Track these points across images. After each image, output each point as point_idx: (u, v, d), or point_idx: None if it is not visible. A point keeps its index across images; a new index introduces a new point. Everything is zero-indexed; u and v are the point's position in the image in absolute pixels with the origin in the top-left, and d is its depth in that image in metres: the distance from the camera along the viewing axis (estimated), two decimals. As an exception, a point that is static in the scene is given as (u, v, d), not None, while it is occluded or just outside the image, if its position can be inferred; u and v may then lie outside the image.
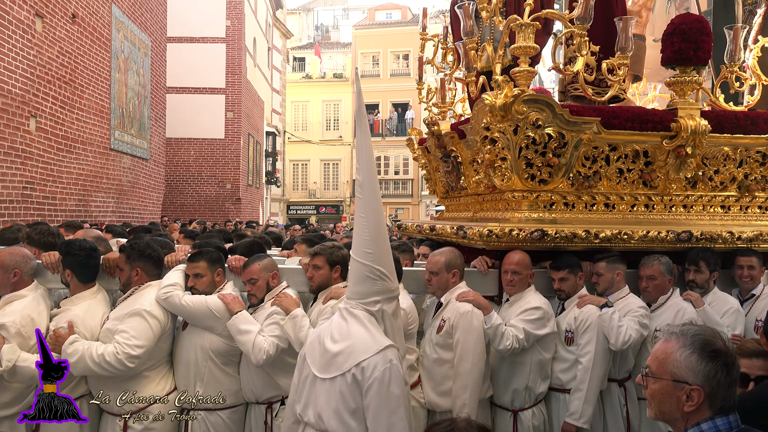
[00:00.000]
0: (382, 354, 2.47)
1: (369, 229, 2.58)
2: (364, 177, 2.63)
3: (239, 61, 19.08)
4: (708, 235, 3.74)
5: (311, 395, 2.58)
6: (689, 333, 1.77)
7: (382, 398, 2.41)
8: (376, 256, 2.57)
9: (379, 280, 2.58)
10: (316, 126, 34.05)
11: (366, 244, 2.57)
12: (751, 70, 4.23)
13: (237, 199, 18.98)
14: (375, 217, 2.60)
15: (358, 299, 2.60)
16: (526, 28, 3.57)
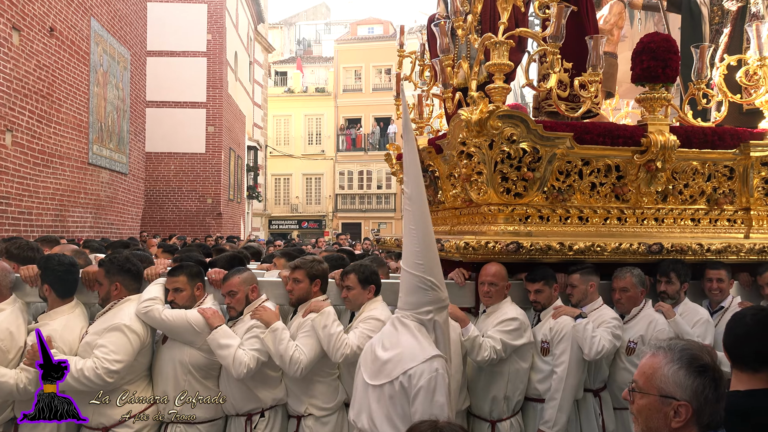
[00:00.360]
0: (429, 363, 2.54)
1: (419, 241, 2.65)
2: (412, 190, 2.71)
3: (220, 75, 19.09)
4: (678, 247, 3.84)
5: (364, 401, 2.66)
6: (677, 348, 1.74)
7: (427, 406, 2.48)
8: (427, 266, 2.64)
9: (431, 290, 2.64)
10: (298, 140, 34.07)
11: (416, 255, 2.64)
12: (717, 87, 4.36)
13: (218, 214, 18.90)
14: (424, 228, 2.66)
15: (410, 309, 2.66)
16: (501, 46, 3.67)
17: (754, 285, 4.03)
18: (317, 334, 3.39)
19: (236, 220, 22.10)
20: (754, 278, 4.00)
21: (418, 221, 2.67)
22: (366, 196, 33.32)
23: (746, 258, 3.95)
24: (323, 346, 3.37)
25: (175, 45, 18.49)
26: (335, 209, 33.49)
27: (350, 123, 34.08)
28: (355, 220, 33.10)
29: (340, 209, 33.47)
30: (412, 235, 2.67)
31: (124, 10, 12.84)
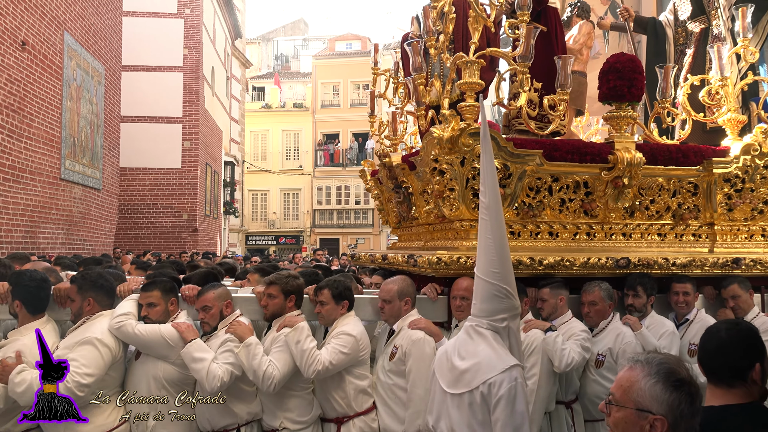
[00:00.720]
0: (508, 372, 2.63)
1: (495, 250, 2.71)
2: (489, 199, 2.77)
3: (197, 90, 19.03)
4: (645, 262, 3.93)
5: (443, 408, 2.77)
6: (654, 361, 1.76)
7: (508, 414, 2.56)
8: (503, 275, 2.71)
9: (506, 298, 2.72)
10: (275, 155, 34.01)
11: (493, 263, 2.71)
12: (681, 106, 4.49)
13: (193, 230, 18.75)
14: (500, 237, 2.73)
15: (485, 317, 2.73)
16: (472, 65, 3.76)
17: (718, 298, 4.14)
18: (290, 349, 3.41)
19: (212, 236, 21.94)
20: (719, 291, 4.11)
21: (494, 231, 2.74)
22: (344, 212, 33.32)
23: (710, 272, 4.06)
24: (296, 361, 3.39)
25: (151, 60, 18.41)
26: (313, 225, 33.42)
27: (328, 138, 34.13)
28: (333, 235, 33.05)
29: (318, 225, 33.41)
30: (489, 244, 2.73)
31: (99, 25, 12.79)
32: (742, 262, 4.09)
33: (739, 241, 4.38)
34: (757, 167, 4.27)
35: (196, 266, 5.25)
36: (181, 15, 19.03)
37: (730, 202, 4.32)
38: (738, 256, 4.12)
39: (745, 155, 4.23)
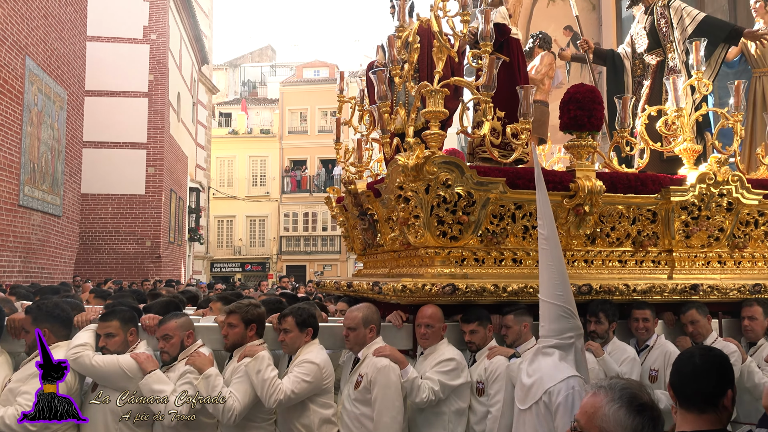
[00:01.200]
0: (566, 381, 2.79)
1: (557, 274, 2.95)
2: (548, 231, 3.02)
3: (162, 116, 18.86)
4: (606, 288, 3.98)
5: (519, 425, 3.02)
6: (617, 387, 1.79)
7: (567, 421, 2.63)
8: (566, 297, 2.94)
9: (571, 318, 2.93)
10: (242, 182, 33.78)
11: (557, 287, 2.94)
12: (639, 135, 4.61)
13: (157, 257, 18.42)
14: (560, 264, 2.98)
15: (554, 336, 2.93)
16: (436, 94, 3.81)
17: (677, 324, 4.21)
18: (251, 379, 3.35)
19: (176, 264, 21.60)
20: (678, 317, 4.18)
21: (555, 258, 2.98)
22: (311, 238, 33.17)
23: (670, 298, 4.13)
24: (257, 391, 3.34)
25: (116, 85, 18.22)
26: (279, 251, 33.17)
27: (295, 165, 34.08)
28: (300, 262, 32.84)
29: (285, 251, 33.17)
30: (551, 270, 2.97)
31: (62, 49, 12.64)
32: (700, 288, 4.17)
33: (697, 268, 4.48)
34: (713, 195, 4.39)
35: (157, 295, 5.16)
36: (147, 41, 18.93)
37: (688, 230, 4.42)
38: (696, 283, 4.20)
39: (701, 184, 4.35)
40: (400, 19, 4.08)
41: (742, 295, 4.28)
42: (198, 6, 25.21)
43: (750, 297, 4.26)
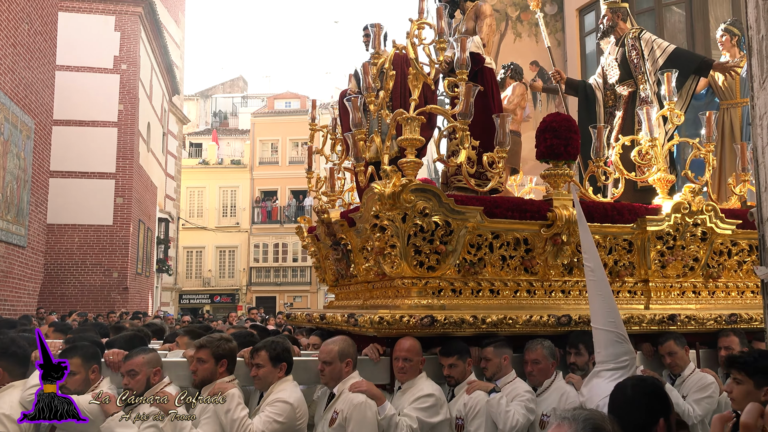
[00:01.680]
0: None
1: (607, 303, 3.16)
2: (593, 264, 3.25)
3: (131, 146, 18.63)
4: (585, 319, 3.92)
5: None
6: (580, 417, 1.79)
7: None
8: (617, 323, 3.13)
9: (624, 342, 3.10)
10: (212, 212, 33.42)
11: (608, 314, 3.13)
12: (614, 165, 4.62)
13: (124, 289, 18.01)
14: (608, 292, 3.20)
15: (611, 360, 3.08)
16: (412, 122, 3.76)
17: (655, 355, 4.16)
18: (219, 419, 3.19)
19: (144, 295, 21.13)
20: (656, 348, 4.13)
21: (603, 288, 3.20)
22: (281, 269, 32.84)
23: (648, 328, 4.09)
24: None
25: (85, 114, 17.99)
26: (249, 283, 32.73)
27: (266, 195, 33.87)
28: (269, 293, 32.43)
29: (255, 282, 32.76)
30: (601, 300, 3.19)
31: (30, 79, 12.41)
32: (678, 319, 4.15)
33: (672, 298, 4.47)
34: (687, 225, 4.40)
35: (120, 328, 4.95)
36: (117, 71, 18.77)
37: (663, 259, 4.42)
38: (673, 313, 4.18)
39: (676, 213, 4.36)
40: (376, 46, 4.05)
41: (718, 326, 4.27)
42: (169, 37, 25.16)
43: (726, 327, 4.25)
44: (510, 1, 12.77)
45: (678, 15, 10.47)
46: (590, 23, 11.65)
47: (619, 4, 5.53)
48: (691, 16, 10.08)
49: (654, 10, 10.48)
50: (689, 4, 10.10)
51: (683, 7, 10.29)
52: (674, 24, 10.45)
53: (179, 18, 28.66)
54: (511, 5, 12.76)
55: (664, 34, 10.02)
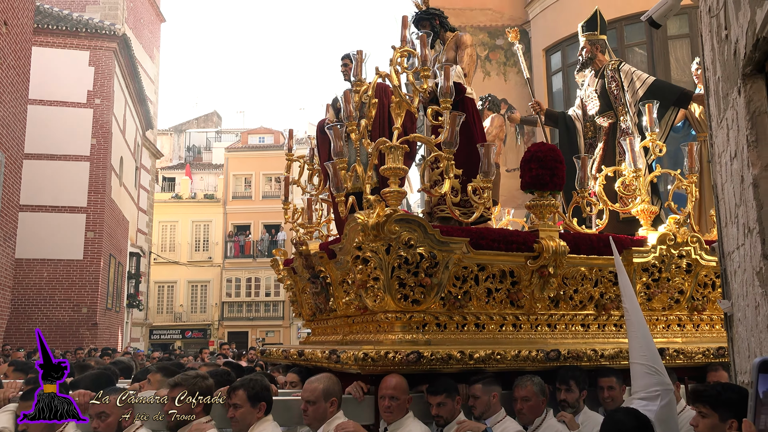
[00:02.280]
0: None
1: (641, 339, 3.28)
2: (629, 305, 3.40)
3: (103, 180, 18.39)
4: (574, 354, 3.82)
5: None
6: None
7: None
8: (650, 356, 3.23)
9: (656, 374, 3.18)
10: (184, 247, 32.99)
11: (641, 349, 3.26)
12: (598, 196, 4.58)
13: (93, 324, 17.57)
14: (644, 332, 3.32)
15: (641, 390, 3.18)
16: (396, 151, 3.67)
17: (646, 389, 4.05)
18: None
19: (113, 331, 20.61)
20: (646, 383, 4.03)
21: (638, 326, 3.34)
22: (254, 304, 32.40)
23: (637, 362, 3.99)
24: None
25: (57, 148, 17.78)
26: (221, 317, 32.20)
27: (239, 230, 33.58)
28: (242, 328, 31.93)
29: (227, 317, 32.24)
30: (636, 336, 3.33)
31: (1, 112, 12.18)
32: (666, 353, 4.06)
33: (658, 331, 4.40)
34: (672, 257, 4.36)
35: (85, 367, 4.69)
36: (90, 105, 18.62)
37: (649, 292, 4.36)
38: (662, 347, 4.09)
39: (662, 245, 4.31)
40: (358, 73, 3.98)
41: (707, 359, 4.20)
42: (144, 72, 25.06)
43: (715, 361, 4.17)
44: (479, 41, 12.98)
45: (640, 55, 10.75)
46: (556, 62, 11.94)
47: (597, 36, 5.57)
48: (653, 57, 10.35)
49: (617, 51, 10.72)
50: (650, 46, 10.38)
51: (645, 48, 10.56)
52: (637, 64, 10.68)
53: (154, 54, 28.59)
54: (480, 45, 12.98)
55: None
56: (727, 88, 2.41)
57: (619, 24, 10.59)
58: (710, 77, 2.83)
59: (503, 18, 13.08)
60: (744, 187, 2.23)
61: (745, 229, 2.26)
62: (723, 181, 2.66)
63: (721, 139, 2.63)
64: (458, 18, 12.95)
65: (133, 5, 25.15)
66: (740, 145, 2.24)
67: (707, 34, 2.83)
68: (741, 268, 2.39)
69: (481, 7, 13.11)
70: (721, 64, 2.51)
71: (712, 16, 2.70)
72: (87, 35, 18.65)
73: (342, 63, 5.17)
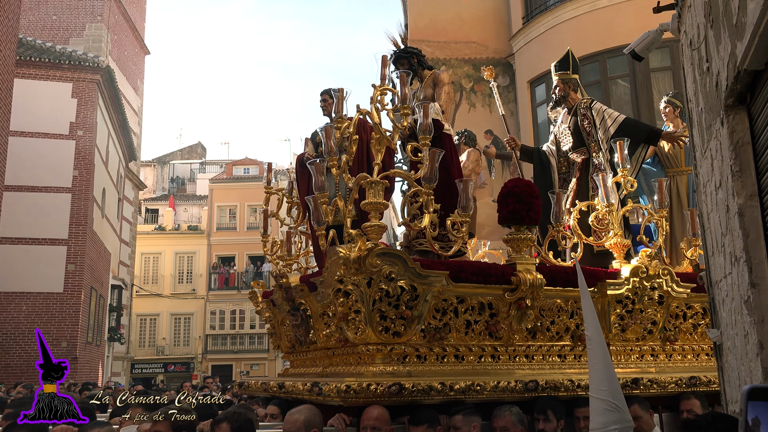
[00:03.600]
0: None
1: (602, 371, 3.15)
2: (592, 332, 3.26)
3: (85, 212, 18.28)
4: (552, 384, 3.91)
5: None
6: None
7: None
8: (611, 391, 3.10)
9: (615, 411, 3.06)
10: (167, 279, 32.67)
11: (601, 383, 3.13)
12: (572, 230, 4.72)
13: (73, 359, 17.28)
14: (604, 361, 3.19)
15: (600, 428, 3.06)
16: (376, 186, 3.79)
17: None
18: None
19: (94, 365, 20.29)
20: (622, 412, 4.12)
21: (598, 356, 3.22)
22: (238, 336, 32.05)
23: (612, 392, 4.08)
24: None
25: (38, 180, 17.69)
26: (205, 351, 31.78)
27: (224, 261, 33.38)
28: (226, 361, 31.50)
29: (211, 350, 31.82)
30: (596, 367, 3.20)
31: (-18, 143, 12.18)
32: (641, 382, 4.17)
33: (632, 361, 4.51)
34: (645, 289, 4.49)
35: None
36: (72, 137, 18.60)
37: (623, 323, 4.47)
38: (636, 377, 4.20)
39: (634, 277, 4.44)
40: (339, 111, 4.11)
41: (679, 389, 4.30)
42: (127, 103, 25.14)
43: (687, 390, 4.28)
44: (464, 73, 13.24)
45: (623, 87, 11.02)
46: (541, 94, 12.16)
47: (569, 75, 5.77)
48: (636, 89, 10.62)
49: (600, 83, 11.01)
50: (633, 78, 10.65)
51: (628, 80, 10.84)
52: (620, 96, 10.98)
53: (138, 85, 28.71)
54: (465, 77, 13.22)
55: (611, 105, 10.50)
56: (710, 119, 2.48)
57: (602, 57, 10.87)
58: (693, 108, 2.90)
59: (488, 51, 13.35)
60: (729, 216, 2.28)
61: (732, 257, 2.30)
62: (709, 210, 2.71)
63: (705, 169, 2.68)
64: (443, 51, 13.23)
65: (118, 38, 25.36)
66: (725, 175, 2.30)
67: (689, 66, 2.91)
68: (729, 297, 2.44)
69: (465, 41, 13.38)
70: (704, 95, 2.58)
71: (693, 49, 2.79)
72: (70, 67, 18.71)
73: (321, 98, 5.31)
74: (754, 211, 2.14)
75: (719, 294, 2.67)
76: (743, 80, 2.05)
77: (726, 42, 2.13)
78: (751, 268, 2.09)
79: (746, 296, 2.14)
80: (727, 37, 2.12)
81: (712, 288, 2.84)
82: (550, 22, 11.85)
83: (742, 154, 2.17)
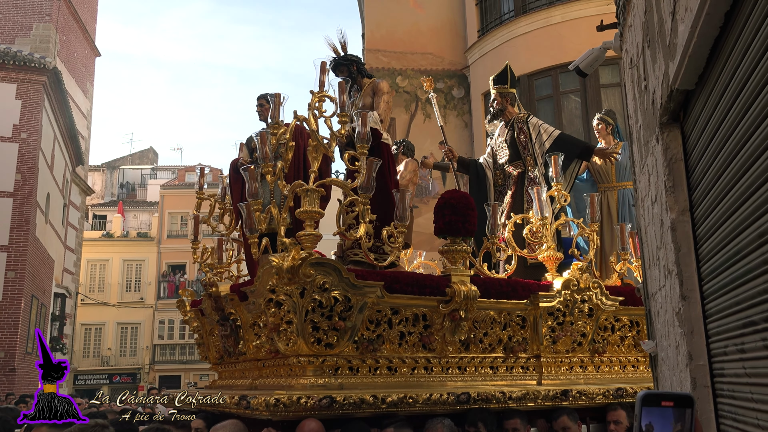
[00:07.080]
0: None
1: None
2: None
3: (27, 217, 17.67)
4: (484, 396, 3.93)
5: None
6: None
7: None
8: None
9: None
10: (114, 287, 31.81)
11: None
12: (507, 242, 4.78)
13: (11, 370, 16.69)
14: None
15: None
16: (312, 194, 3.76)
17: (550, 430, 4.20)
18: None
19: (34, 376, 19.50)
20: (550, 424, 4.17)
21: None
22: (188, 346, 31.36)
23: (542, 404, 4.14)
24: None
25: (-23, 184, 17.05)
26: (153, 361, 31.04)
27: (174, 269, 32.72)
28: (174, 372, 30.82)
29: (159, 361, 31.10)
30: None
31: None
32: (570, 394, 4.23)
33: (562, 373, 4.58)
34: (576, 301, 4.57)
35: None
36: (16, 139, 17.98)
37: (554, 335, 4.53)
38: (566, 389, 4.25)
39: (566, 290, 4.52)
40: (275, 116, 4.06)
41: (606, 400, 4.38)
42: (76, 106, 24.48)
43: (614, 401, 4.36)
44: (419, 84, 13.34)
45: (575, 102, 11.26)
46: (495, 107, 12.29)
47: (507, 89, 5.86)
48: (586, 104, 10.88)
49: (553, 98, 11.23)
50: (584, 93, 10.91)
51: (579, 95, 11.09)
52: (571, 110, 11.22)
53: (87, 88, 27.97)
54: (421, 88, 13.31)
55: (563, 119, 10.75)
56: (648, 135, 2.54)
57: (554, 72, 11.07)
58: (633, 125, 2.96)
59: (444, 62, 13.45)
60: (663, 231, 2.33)
61: (666, 270, 2.35)
62: (646, 224, 2.76)
63: (643, 184, 2.74)
64: (399, 61, 13.29)
65: (67, 39, 24.67)
66: (659, 190, 2.35)
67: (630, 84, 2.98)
68: (663, 309, 2.48)
69: (422, 51, 13.46)
70: (642, 112, 2.64)
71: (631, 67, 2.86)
72: (15, 67, 18.12)
73: (258, 103, 5.25)
74: (685, 225, 2.20)
75: (654, 306, 2.71)
76: (676, 99, 2.11)
77: (660, 62, 2.19)
78: (682, 281, 2.15)
79: (677, 308, 2.19)
80: (661, 57, 2.18)
81: (648, 300, 2.89)
82: (504, 36, 12.01)
83: (675, 170, 2.23)
